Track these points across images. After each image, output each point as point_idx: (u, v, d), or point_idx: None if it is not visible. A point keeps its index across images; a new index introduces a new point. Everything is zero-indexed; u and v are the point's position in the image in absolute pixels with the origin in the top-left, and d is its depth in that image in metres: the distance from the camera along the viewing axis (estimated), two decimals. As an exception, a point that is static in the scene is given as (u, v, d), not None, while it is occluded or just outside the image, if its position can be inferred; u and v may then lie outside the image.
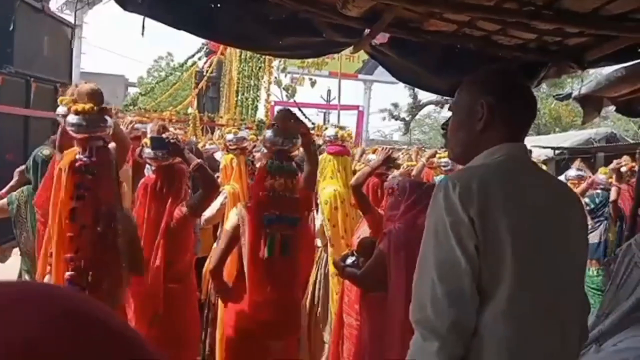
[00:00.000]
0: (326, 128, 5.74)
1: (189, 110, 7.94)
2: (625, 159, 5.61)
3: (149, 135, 3.21)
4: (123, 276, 2.54)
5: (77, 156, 2.51)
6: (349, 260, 2.94)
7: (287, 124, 2.85)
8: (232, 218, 2.88)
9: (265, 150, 3.08)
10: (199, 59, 9.18)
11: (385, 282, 2.53)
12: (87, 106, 2.49)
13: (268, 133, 2.91)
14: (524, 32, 2.53)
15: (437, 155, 5.66)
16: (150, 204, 2.97)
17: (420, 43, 2.78)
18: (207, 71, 8.33)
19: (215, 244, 4.10)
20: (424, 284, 1.25)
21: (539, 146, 10.10)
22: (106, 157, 2.56)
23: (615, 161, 5.41)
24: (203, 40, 7.66)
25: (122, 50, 55.34)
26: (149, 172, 3.49)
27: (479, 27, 2.54)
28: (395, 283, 2.48)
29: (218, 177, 4.14)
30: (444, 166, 5.23)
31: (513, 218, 1.25)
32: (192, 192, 3.20)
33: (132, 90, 23.14)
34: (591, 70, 3.51)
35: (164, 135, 3.10)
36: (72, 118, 2.51)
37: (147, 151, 3.05)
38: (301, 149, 3.07)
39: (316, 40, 2.81)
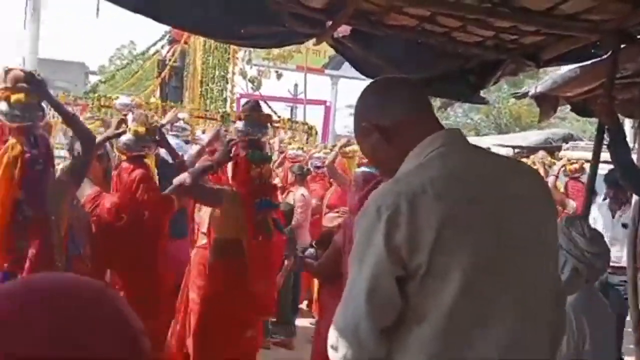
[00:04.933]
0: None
1: (151, 100, 7.80)
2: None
3: (132, 124, 3.10)
4: (59, 266, 2.53)
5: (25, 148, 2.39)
6: (307, 252, 2.95)
7: (257, 113, 3.06)
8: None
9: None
10: (162, 47, 9.02)
11: (340, 273, 2.53)
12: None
13: (238, 124, 3.05)
14: (482, 30, 2.57)
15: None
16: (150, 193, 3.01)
17: (382, 37, 2.79)
18: (169, 60, 8.19)
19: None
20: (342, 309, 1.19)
21: (500, 145, 10.32)
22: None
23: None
24: (166, 28, 7.52)
25: (83, 37, 53.62)
26: None
27: (439, 23, 2.57)
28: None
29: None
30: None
31: (460, 225, 1.11)
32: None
33: (94, 79, 22.55)
34: (549, 70, 3.59)
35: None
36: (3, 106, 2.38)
37: (129, 137, 3.03)
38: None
39: (279, 30, 2.78)
